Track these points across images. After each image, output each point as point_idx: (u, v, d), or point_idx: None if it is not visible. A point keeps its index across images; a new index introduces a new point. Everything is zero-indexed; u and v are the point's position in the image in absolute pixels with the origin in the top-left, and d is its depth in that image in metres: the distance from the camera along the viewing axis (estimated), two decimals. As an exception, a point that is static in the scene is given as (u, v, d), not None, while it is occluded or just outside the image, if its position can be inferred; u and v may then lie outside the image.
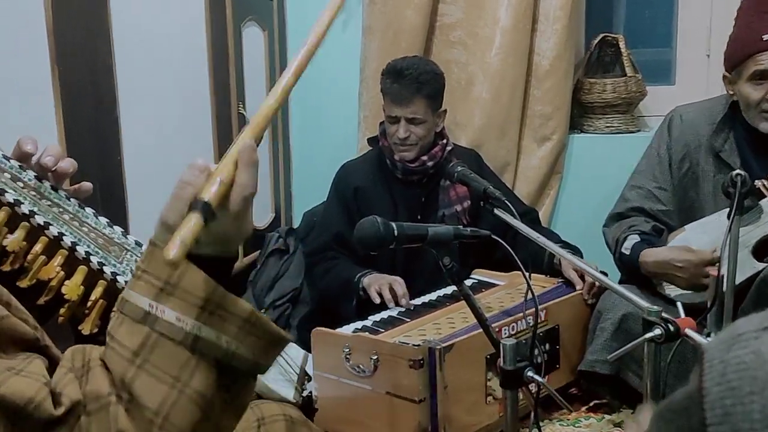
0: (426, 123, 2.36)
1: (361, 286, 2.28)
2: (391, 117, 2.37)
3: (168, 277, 0.77)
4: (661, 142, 2.29)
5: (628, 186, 2.35)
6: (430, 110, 2.36)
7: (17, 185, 0.99)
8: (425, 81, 2.33)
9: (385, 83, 2.37)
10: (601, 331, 2.11)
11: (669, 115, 2.31)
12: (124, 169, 2.06)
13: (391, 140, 2.39)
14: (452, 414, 1.87)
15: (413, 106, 2.33)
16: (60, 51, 1.78)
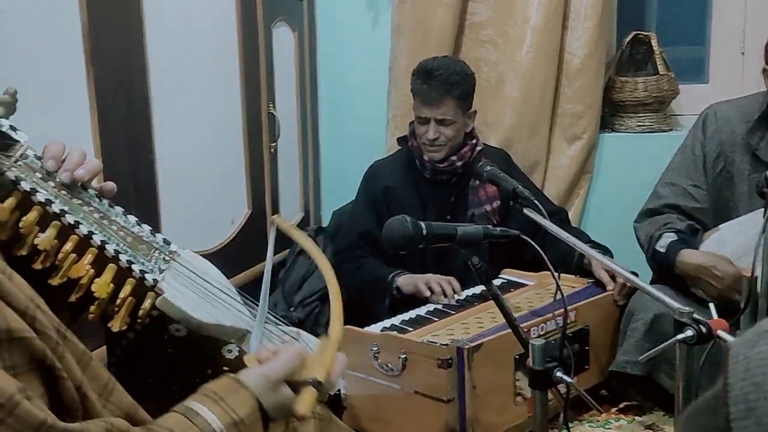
0: (456, 124, 2.35)
1: (395, 286, 2.28)
2: (420, 118, 2.37)
3: (243, 417, 0.90)
4: (696, 139, 2.26)
5: (661, 182, 2.31)
6: (460, 111, 2.35)
7: (48, 185, 1.01)
8: (455, 82, 2.32)
9: (415, 84, 2.37)
10: (633, 331, 2.09)
11: (704, 113, 2.28)
12: (156, 169, 2.09)
13: (421, 141, 2.39)
14: (480, 414, 1.86)
15: (443, 107, 2.32)
16: (94, 52, 1.80)
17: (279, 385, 0.95)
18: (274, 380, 0.95)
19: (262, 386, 0.94)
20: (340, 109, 3.14)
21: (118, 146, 1.92)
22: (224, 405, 0.90)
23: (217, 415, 0.88)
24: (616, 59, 2.90)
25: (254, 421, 0.91)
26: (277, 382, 0.95)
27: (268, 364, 0.97)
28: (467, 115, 2.40)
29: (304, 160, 3.06)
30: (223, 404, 0.90)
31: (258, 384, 0.94)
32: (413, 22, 2.81)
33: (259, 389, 0.94)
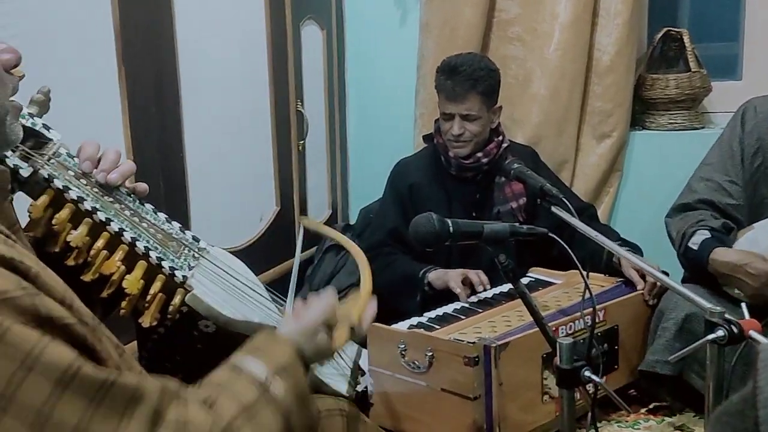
0: (480, 119, 2.35)
1: (427, 281, 2.28)
2: (445, 114, 2.36)
3: (285, 364, 0.95)
4: (734, 134, 2.22)
5: (695, 177, 2.28)
6: (485, 107, 2.35)
7: (80, 182, 1.03)
8: (479, 77, 2.32)
9: (440, 80, 2.37)
10: (663, 331, 2.06)
11: (743, 107, 2.23)
12: (186, 166, 2.11)
13: (446, 137, 2.39)
14: (507, 412, 1.86)
15: (467, 102, 2.31)
16: (126, 51, 1.83)
17: (315, 331, 1.03)
18: (309, 328, 1.03)
19: (299, 335, 1.01)
20: (368, 107, 3.15)
21: (148, 144, 1.94)
22: (266, 354, 0.95)
23: (261, 363, 0.93)
24: (647, 56, 2.87)
25: (296, 366, 0.96)
26: (312, 330, 1.03)
27: (301, 315, 1.05)
28: (492, 111, 2.39)
29: (332, 158, 3.07)
30: (265, 354, 0.95)
31: (294, 333, 1.01)
32: (441, 19, 2.80)
33: (296, 338, 1.00)
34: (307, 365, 1.01)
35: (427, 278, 2.29)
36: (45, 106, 1.08)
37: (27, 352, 0.73)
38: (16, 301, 0.75)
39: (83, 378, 0.75)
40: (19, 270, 0.78)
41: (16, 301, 0.75)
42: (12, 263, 0.78)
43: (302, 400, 0.95)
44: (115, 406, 0.76)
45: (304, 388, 0.97)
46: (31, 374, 0.72)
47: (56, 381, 0.73)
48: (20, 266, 0.78)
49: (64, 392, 0.74)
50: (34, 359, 0.73)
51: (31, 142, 1.02)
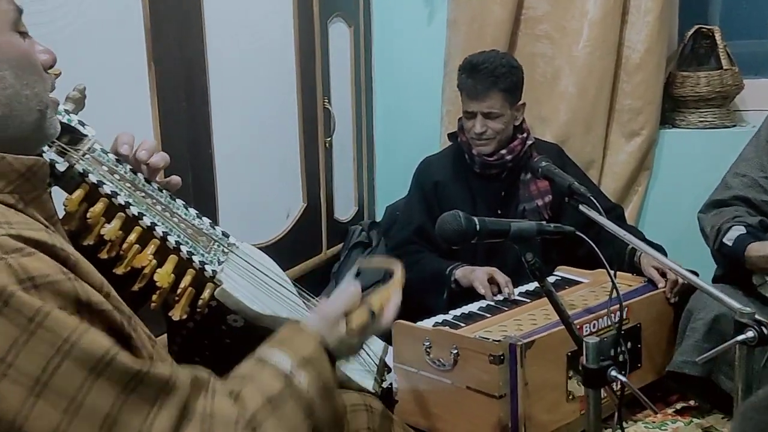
0: (503, 117, 2.34)
1: (454, 279, 2.28)
2: (467, 112, 2.36)
3: (309, 356, 0.96)
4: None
5: (731, 173, 2.24)
6: (507, 104, 2.34)
7: (114, 177, 1.05)
8: (501, 75, 2.31)
9: (461, 78, 2.36)
10: (692, 331, 2.04)
11: None
12: (214, 162, 2.13)
13: (469, 135, 2.38)
14: (533, 411, 1.85)
15: (489, 100, 2.31)
16: (156, 49, 1.85)
17: (338, 321, 1.03)
18: (333, 318, 1.03)
19: (323, 326, 1.01)
20: (395, 105, 3.15)
21: (178, 141, 1.96)
22: (290, 347, 0.96)
23: (285, 355, 0.94)
24: (677, 53, 2.84)
25: (321, 358, 0.97)
26: (335, 320, 1.03)
27: (324, 306, 1.05)
28: (515, 108, 2.38)
29: (359, 155, 3.08)
30: (289, 347, 0.96)
31: (318, 325, 1.01)
32: (468, 16, 2.80)
33: (320, 329, 1.01)
34: (333, 358, 1.01)
35: (454, 275, 2.29)
36: (81, 103, 1.10)
37: (64, 339, 0.74)
38: (58, 285, 0.77)
39: (117, 366, 0.77)
40: (60, 257, 0.80)
41: (58, 285, 0.77)
42: (53, 250, 0.80)
43: (327, 392, 0.95)
44: (146, 396, 0.78)
45: (329, 381, 0.97)
46: (67, 360, 0.74)
47: (90, 368, 0.75)
48: (61, 253, 0.81)
49: (98, 379, 0.75)
50: (71, 345, 0.75)
51: (67, 138, 1.04)
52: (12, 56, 0.87)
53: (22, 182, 0.87)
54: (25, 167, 0.87)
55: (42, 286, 0.76)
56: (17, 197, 0.87)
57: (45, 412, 0.74)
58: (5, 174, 0.85)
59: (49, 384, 0.74)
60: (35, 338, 0.74)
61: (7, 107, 0.86)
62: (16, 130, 0.88)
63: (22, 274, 0.75)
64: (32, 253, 0.77)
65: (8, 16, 0.88)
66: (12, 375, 0.73)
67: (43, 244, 0.79)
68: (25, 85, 0.88)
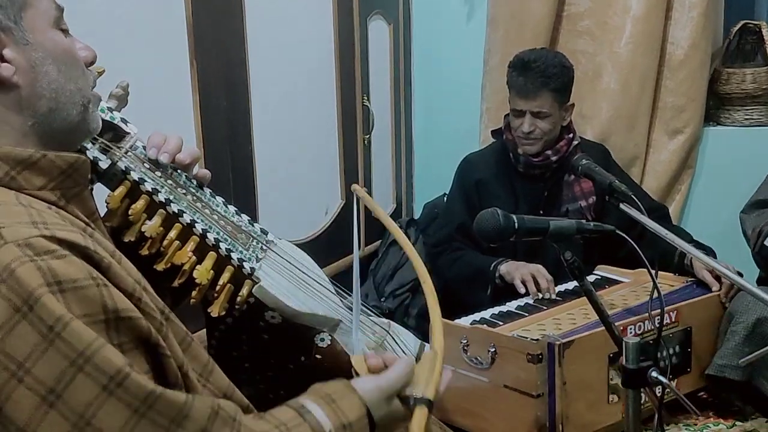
0: (551, 117, 2.31)
1: (498, 274, 2.27)
2: (516, 110, 2.34)
3: (353, 422, 0.92)
4: None
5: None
6: (557, 104, 2.31)
7: (155, 175, 1.06)
8: (552, 74, 2.28)
9: (511, 76, 2.34)
10: (733, 334, 2.01)
11: None
12: (254, 159, 2.15)
13: (516, 134, 2.36)
14: (571, 411, 1.84)
15: (539, 99, 2.28)
16: (198, 47, 1.88)
17: (391, 398, 0.98)
18: (387, 393, 0.98)
19: (374, 397, 0.96)
20: (434, 102, 3.14)
21: (218, 138, 1.99)
22: (335, 407, 0.92)
23: (328, 415, 0.91)
24: (722, 50, 2.78)
25: (362, 428, 0.93)
26: (389, 395, 0.98)
27: (382, 376, 0.99)
28: (564, 108, 2.35)
29: (397, 152, 3.08)
30: (334, 406, 0.92)
31: (370, 394, 0.96)
32: (508, 14, 2.78)
33: (370, 399, 0.96)
34: (374, 428, 0.97)
35: (499, 270, 2.27)
36: (123, 100, 1.12)
37: (80, 352, 0.75)
38: (84, 291, 0.77)
39: (130, 386, 0.76)
40: (93, 260, 0.81)
41: (85, 290, 0.77)
42: (86, 252, 0.81)
43: None
44: (158, 421, 0.77)
45: None
46: (80, 374, 0.74)
47: (103, 386, 0.75)
48: (94, 256, 0.81)
49: (109, 398, 0.75)
50: (86, 359, 0.75)
51: (110, 135, 1.06)
52: (56, 52, 0.90)
53: (64, 179, 0.89)
54: (67, 164, 0.89)
55: (69, 291, 0.76)
56: (59, 194, 0.88)
57: (56, 423, 0.74)
58: (47, 171, 0.87)
59: (62, 396, 0.74)
60: (53, 348, 0.74)
61: (54, 101, 0.89)
62: (61, 123, 0.90)
63: (51, 277, 0.76)
64: (64, 256, 0.78)
65: (50, 14, 0.90)
66: (28, 382, 0.74)
67: (76, 246, 0.80)
68: (68, 79, 0.90)
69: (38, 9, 0.89)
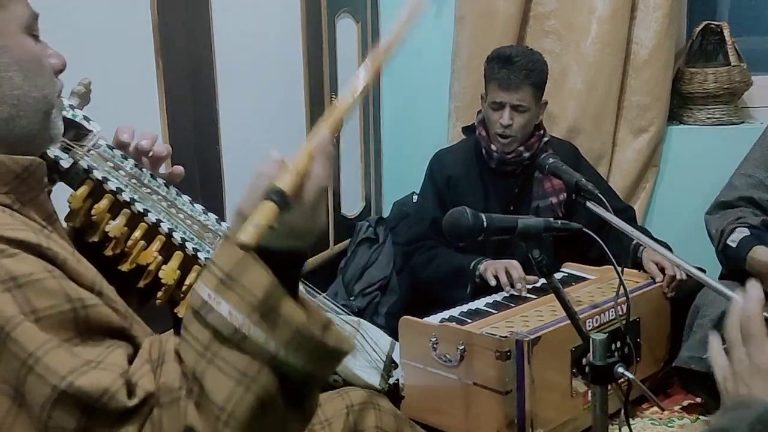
0: (529, 112, 2.33)
1: (478, 273, 2.28)
2: (495, 103, 2.34)
3: (231, 269, 0.75)
4: None
5: (737, 173, 2.24)
6: (534, 100, 2.33)
7: (119, 174, 1.05)
8: (534, 69, 2.32)
9: (492, 69, 2.34)
10: (699, 327, 2.04)
11: None
12: (222, 158, 2.13)
13: (493, 128, 2.36)
14: (539, 407, 1.85)
15: (520, 93, 2.30)
16: (163, 45, 1.86)
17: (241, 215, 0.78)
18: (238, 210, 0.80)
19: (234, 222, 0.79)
20: (402, 101, 3.14)
21: (185, 137, 1.97)
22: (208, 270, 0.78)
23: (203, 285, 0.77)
24: (686, 50, 2.82)
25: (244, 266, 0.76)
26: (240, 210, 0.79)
27: None
28: (539, 106, 2.38)
29: (366, 151, 3.07)
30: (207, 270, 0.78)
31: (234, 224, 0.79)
32: (476, 12, 2.79)
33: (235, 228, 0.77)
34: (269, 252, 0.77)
35: (479, 270, 2.27)
36: (86, 98, 1.10)
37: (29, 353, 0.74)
38: (42, 283, 0.76)
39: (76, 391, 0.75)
40: (47, 256, 0.80)
41: (42, 282, 0.76)
42: (39, 249, 0.80)
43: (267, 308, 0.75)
44: None
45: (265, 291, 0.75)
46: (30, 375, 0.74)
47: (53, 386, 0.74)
48: (48, 253, 0.80)
49: None
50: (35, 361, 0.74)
51: (72, 134, 1.04)
52: (22, 58, 0.88)
53: (18, 183, 0.87)
54: (21, 168, 0.87)
55: (26, 285, 0.75)
56: (13, 198, 0.86)
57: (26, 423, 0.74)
58: (0, 175, 0.85)
59: (25, 397, 0.74)
60: (6, 349, 0.74)
61: (15, 108, 0.87)
62: (21, 131, 0.88)
63: (4, 275, 0.75)
64: (15, 254, 0.77)
65: (23, 19, 0.89)
66: None
67: (27, 244, 0.79)
68: (33, 87, 0.89)
69: (11, 13, 0.87)
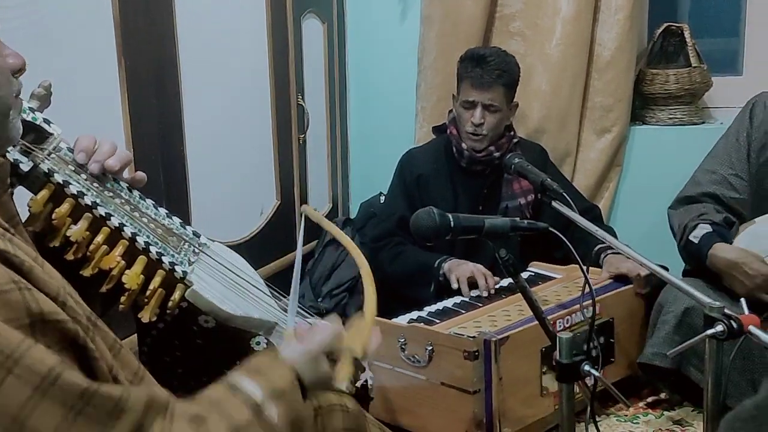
0: (500, 112, 2.35)
1: (442, 272, 2.28)
2: (467, 102, 2.35)
3: (283, 387, 0.93)
4: (741, 128, 2.22)
5: (701, 169, 2.28)
6: (506, 100, 2.36)
7: (80, 177, 1.03)
8: (506, 70, 2.34)
9: (465, 68, 2.36)
10: (663, 324, 2.07)
11: (752, 101, 2.23)
12: (186, 159, 2.11)
13: (465, 127, 2.37)
14: (507, 406, 1.86)
15: (492, 92, 2.32)
16: (126, 44, 1.83)
17: (318, 359, 1.00)
18: (313, 354, 1.00)
19: (302, 360, 0.98)
20: (369, 101, 3.14)
21: (149, 138, 1.94)
22: (265, 377, 0.92)
23: (258, 385, 0.91)
24: (647, 51, 2.87)
25: (294, 392, 0.94)
26: (316, 355, 1.00)
27: (309, 339, 1.01)
28: (511, 107, 2.40)
29: (333, 152, 3.07)
30: (263, 376, 0.92)
31: (298, 358, 0.98)
32: (442, 13, 2.80)
33: (299, 362, 0.97)
34: (305, 392, 0.98)
35: (443, 269, 2.28)
36: (46, 100, 1.08)
37: (7, 355, 0.72)
38: (7, 296, 0.74)
39: (63, 385, 0.73)
40: (13, 263, 0.78)
41: (6, 295, 0.74)
42: (5, 255, 0.78)
43: (297, 427, 0.93)
44: (95, 417, 0.75)
45: (300, 415, 0.95)
46: (10, 377, 0.72)
47: (35, 387, 0.72)
48: (14, 260, 0.78)
49: (43, 399, 0.72)
50: (14, 362, 0.72)
51: (32, 137, 1.02)
52: None
53: None
54: None
55: None
56: None
57: None
58: None
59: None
60: None
61: None
62: None
63: None
64: None
65: None
66: None
67: None
68: None
69: None
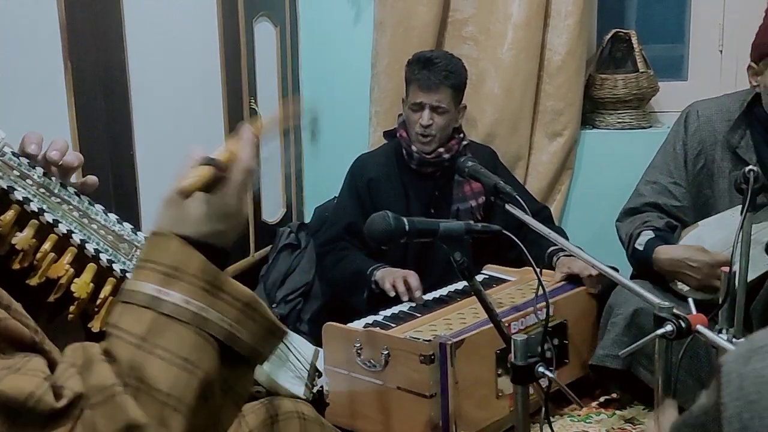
0: (448, 114, 2.37)
1: (374, 279, 2.28)
2: (415, 104, 2.37)
3: (172, 262, 0.81)
4: (677, 137, 2.28)
5: (642, 180, 2.33)
6: (453, 102, 2.38)
7: (26, 183, 1.00)
8: (453, 71, 2.37)
9: (413, 71, 2.38)
10: (613, 326, 2.11)
11: (686, 111, 2.29)
12: (136, 164, 2.07)
13: (413, 129, 2.39)
14: (463, 409, 1.87)
15: (440, 94, 2.34)
16: (72, 46, 1.79)
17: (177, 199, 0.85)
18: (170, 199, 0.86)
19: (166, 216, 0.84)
20: (323, 105, 3.13)
21: (97, 142, 1.90)
22: (147, 264, 0.81)
23: (145, 278, 0.80)
24: (596, 56, 2.92)
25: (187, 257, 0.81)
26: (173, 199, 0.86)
27: None
28: (459, 108, 2.42)
29: (286, 156, 3.04)
30: (144, 265, 0.81)
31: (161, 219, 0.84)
32: (395, 18, 2.80)
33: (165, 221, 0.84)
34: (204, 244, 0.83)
35: (375, 276, 2.28)
36: (-11, 104, 1.04)
37: None
38: None
39: None
40: None
41: None
42: None
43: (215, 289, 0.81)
44: None
45: (211, 276, 0.81)
46: None
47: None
48: None
49: None
50: None
51: (-26, 142, 0.99)
52: None
53: None
54: None
55: None
56: None
57: None
58: None
59: None
60: None
61: None
62: None
63: None
64: None
65: None
66: None
67: None
68: None
69: None
